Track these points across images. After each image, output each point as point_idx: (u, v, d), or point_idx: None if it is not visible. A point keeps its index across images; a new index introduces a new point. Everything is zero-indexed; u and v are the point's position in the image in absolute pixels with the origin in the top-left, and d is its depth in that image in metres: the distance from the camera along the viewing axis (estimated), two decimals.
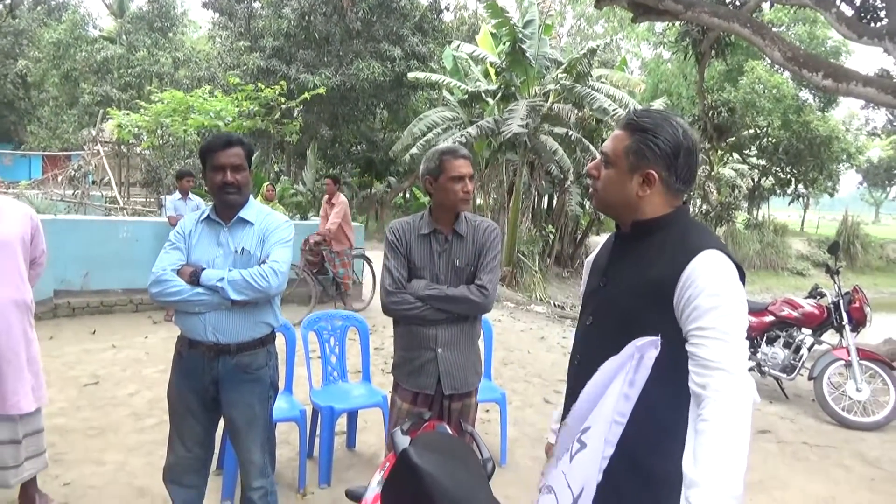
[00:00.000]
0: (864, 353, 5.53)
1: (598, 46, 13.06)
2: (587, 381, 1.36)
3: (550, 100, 13.28)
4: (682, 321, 1.41)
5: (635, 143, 1.51)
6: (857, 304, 5.76)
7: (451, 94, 15.15)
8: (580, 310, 1.79)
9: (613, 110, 12.13)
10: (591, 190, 1.66)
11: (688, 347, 1.38)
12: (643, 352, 1.19)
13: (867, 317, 5.77)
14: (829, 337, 6.15)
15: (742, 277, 1.45)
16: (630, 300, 1.53)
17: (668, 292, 1.43)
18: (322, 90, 14.17)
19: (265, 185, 9.10)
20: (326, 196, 8.29)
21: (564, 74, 12.95)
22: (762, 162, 26.56)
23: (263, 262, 2.48)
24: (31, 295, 2.94)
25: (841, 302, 5.77)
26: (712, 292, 1.37)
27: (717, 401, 1.27)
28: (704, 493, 1.18)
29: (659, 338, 1.21)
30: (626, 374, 1.19)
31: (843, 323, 5.68)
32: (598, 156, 1.63)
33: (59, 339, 6.22)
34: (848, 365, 5.46)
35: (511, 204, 14.16)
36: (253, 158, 2.68)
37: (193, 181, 7.53)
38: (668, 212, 1.55)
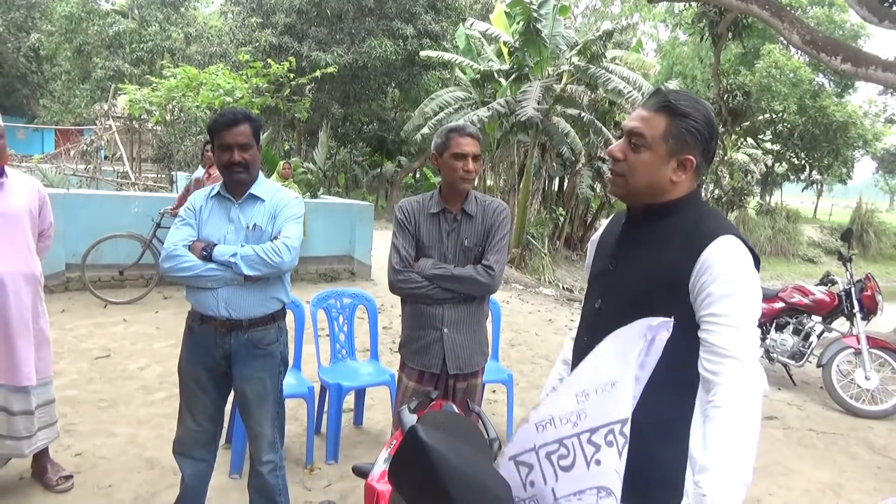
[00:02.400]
0: (874, 342, 5.51)
1: (614, 29, 12.88)
2: None
3: (563, 81, 13.15)
4: (695, 307, 1.41)
5: (675, 127, 1.46)
6: (868, 293, 5.72)
7: (464, 73, 15.03)
8: (586, 292, 1.77)
9: (628, 93, 12.00)
10: (611, 174, 1.57)
11: (700, 334, 1.38)
12: (655, 333, 1.18)
13: (879, 305, 5.74)
14: (840, 325, 6.12)
15: (757, 263, 1.44)
16: (642, 284, 1.50)
17: (683, 277, 1.42)
18: (333, 69, 14.04)
19: (282, 163, 8.96)
20: (206, 166, 6.96)
21: (578, 56, 12.81)
22: (776, 147, 26.32)
23: (275, 238, 2.49)
24: (39, 268, 2.96)
25: (852, 290, 5.74)
26: (727, 279, 1.36)
27: (729, 388, 1.28)
28: (714, 478, 1.20)
29: (672, 319, 1.20)
30: (637, 356, 1.17)
31: (854, 311, 5.65)
32: (611, 139, 1.60)
33: (71, 312, 6.29)
34: (857, 353, 5.43)
35: (521, 185, 14.09)
36: (263, 135, 2.67)
37: None
38: (683, 195, 1.52)
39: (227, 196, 2.54)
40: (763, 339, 6.03)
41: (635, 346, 1.18)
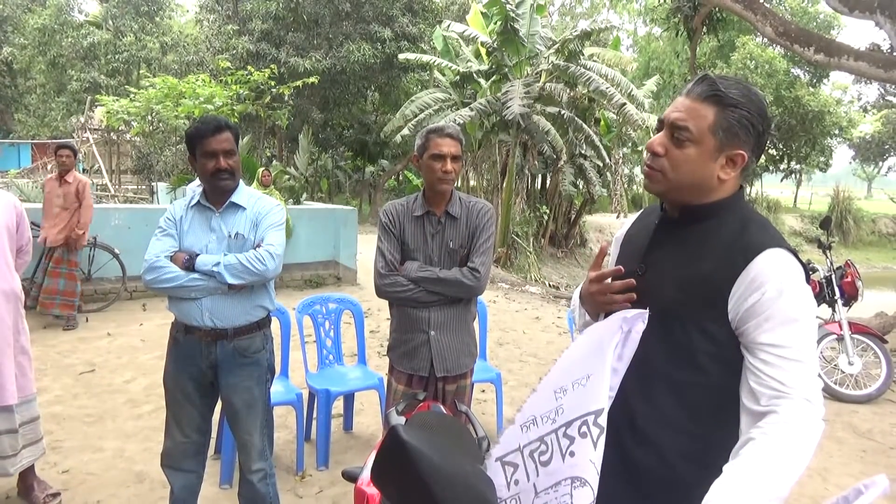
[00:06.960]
0: (855, 327, 5.58)
1: (592, 30, 12.95)
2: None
3: (542, 79, 13.20)
4: (741, 326, 1.27)
5: (726, 120, 1.30)
6: (848, 279, 5.80)
7: (443, 75, 15.05)
8: None
9: (611, 92, 12.10)
10: (648, 169, 1.40)
11: (754, 362, 1.24)
12: (631, 325, 1.19)
13: (859, 291, 5.81)
14: (822, 311, 6.19)
15: (807, 278, 1.31)
16: (673, 293, 1.36)
17: (721, 290, 1.29)
18: (314, 80, 13.96)
19: (261, 170, 8.81)
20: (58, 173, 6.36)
21: (556, 54, 12.87)
22: None
23: (258, 245, 2.48)
24: (19, 284, 2.93)
25: (833, 276, 5.81)
26: (789, 305, 1.23)
27: (792, 426, 1.15)
28: (739, 486, 1.09)
29: (647, 311, 1.20)
30: (614, 348, 1.19)
31: (835, 297, 5.72)
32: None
33: (53, 328, 6.21)
34: (840, 339, 5.50)
35: (504, 185, 14.14)
36: (244, 143, 2.66)
37: None
38: (727, 195, 1.38)
39: (207, 205, 2.52)
40: None
41: (611, 339, 1.19)
